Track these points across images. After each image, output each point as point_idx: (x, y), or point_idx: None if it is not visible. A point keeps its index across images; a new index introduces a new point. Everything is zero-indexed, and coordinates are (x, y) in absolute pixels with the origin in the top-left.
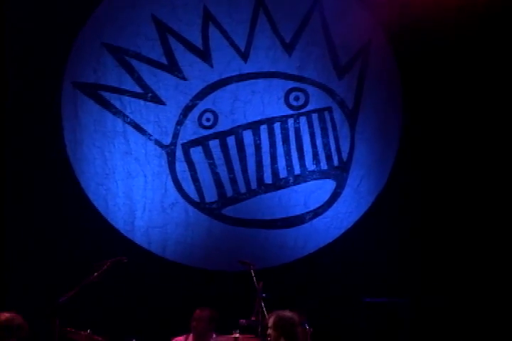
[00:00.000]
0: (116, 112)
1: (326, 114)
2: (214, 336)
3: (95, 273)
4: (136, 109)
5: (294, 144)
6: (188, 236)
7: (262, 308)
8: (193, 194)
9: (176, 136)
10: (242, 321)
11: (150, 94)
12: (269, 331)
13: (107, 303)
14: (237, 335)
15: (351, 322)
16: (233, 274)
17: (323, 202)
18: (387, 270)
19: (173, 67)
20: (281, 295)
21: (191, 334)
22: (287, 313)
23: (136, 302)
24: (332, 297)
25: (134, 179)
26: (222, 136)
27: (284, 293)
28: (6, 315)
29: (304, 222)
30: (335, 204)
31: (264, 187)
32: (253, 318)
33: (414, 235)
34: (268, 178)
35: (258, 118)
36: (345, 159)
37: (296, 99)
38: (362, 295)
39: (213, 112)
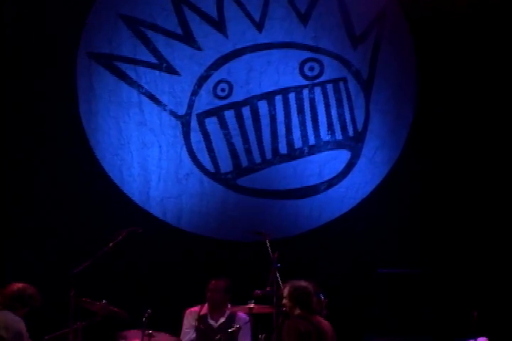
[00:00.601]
0: (132, 83)
1: (341, 84)
2: (229, 306)
3: (110, 244)
4: (151, 79)
5: (309, 115)
6: (203, 207)
7: (277, 278)
8: (208, 164)
9: (190, 106)
10: (257, 291)
11: (165, 65)
12: (285, 301)
13: (122, 273)
14: (252, 305)
15: (365, 292)
16: (248, 244)
17: (337, 173)
18: (401, 240)
19: (188, 38)
20: (296, 265)
21: (206, 305)
22: (302, 283)
23: (151, 272)
24: (346, 267)
25: (149, 149)
26: (237, 106)
27: (298, 263)
28: (18, 285)
29: (319, 192)
30: (350, 175)
31: (279, 158)
32: (268, 288)
33: (429, 205)
34: (283, 149)
35: (273, 88)
36: (360, 129)
37: (311, 69)
38: (376, 265)
39: (228, 83)
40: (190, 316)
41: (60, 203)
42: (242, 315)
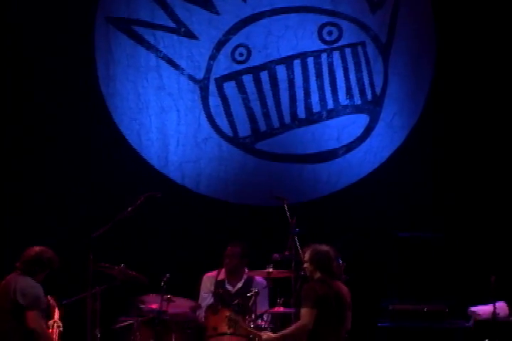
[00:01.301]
0: (150, 47)
1: (360, 48)
2: (246, 271)
3: (129, 208)
4: (170, 43)
5: (328, 79)
6: (222, 171)
7: (296, 243)
8: (226, 128)
9: (209, 70)
10: (276, 256)
11: (183, 29)
12: (306, 265)
13: (140, 238)
14: (271, 270)
15: (385, 256)
16: (266, 209)
17: (356, 137)
18: (420, 204)
19: (206, 2)
20: (315, 229)
21: (223, 270)
22: (324, 247)
23: (170, 237)
24: (366, 231)
25: (167, 114)
26: (255, 70)
27: (317, 227)
28: (36, 249)
29: (337, 157)
30: (368, 139)
31: (297, 122)
32: (286, 253)
33: (448, 169)
34: (301, 113)
35: (291, 53)
36: (378, 94)
37: (330, 33)
38: (395, 230)
39: (246, 47)
40: (208, 281)
41: (79, 168)
42: (259, 280)
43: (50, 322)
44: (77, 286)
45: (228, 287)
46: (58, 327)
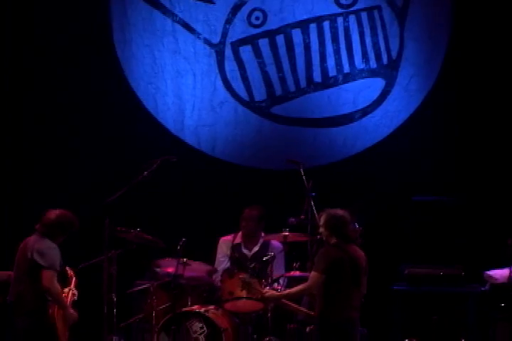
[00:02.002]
0: (166, 11)
1: (376, 12)
2: (263, 235)
3: (145, 172)
4: (185, 8)
5: (343, 43)
6: (238, 135)
7: (312, 207)
8: (242, 93)
9: (224, 35)
10: (292, 220)
11: None
12: (321, 230)
13: (156, 202)
14: (287, 234)
15: (400, 220)
16: (282, 173)
17: (372, 101)
18: (436, 168)
19: None
20: (330, 193)
21: (239, 233)
22: (339, 211)
23: (186, 201)
24: (381, 196)
25: (183, 78)
26: (271, 34)
27: (332, 191)
28: (56, 212)
29: (353, 121)
30: (384, 103)
31: (313, 86)
32: (302, 217)
33: (464, 133)
34: (317, 77)
35: (307, 17)
36: (394, 57)
37: None
38: (411, 193)
39: (262, 11)
40: (224, 245)
41: (95, 132)
42: (276, 244)
43: (66, 290)
44: (93, 251)
45: (244, 251)
46: (73, 294)
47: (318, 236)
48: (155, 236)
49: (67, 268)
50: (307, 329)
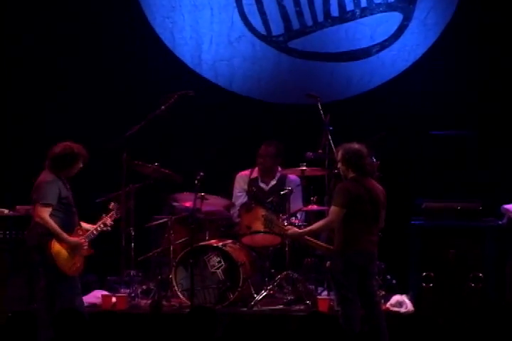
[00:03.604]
0: None
1: None
2: (280, 169)
3: (162, 107)
4: None
5: None
6: (255, 70)
7: (329, 141)
8: (259, 27)
9: None
10: (309, 154)
11: None
12: (339, 165)
13: (173, 137)
14: (304, 168)
15: (418, 154)
16: (300, 107)
17: (389, 35)
18: (453, 103)
19: None
20: (348, 128)
21: (256, 168)
22: (355, 145)
23: (203, 135)
24: (399, 130)
25: (201, 12)
26: None
27: (350, 126)
28: (61, 144)
29: (370, 55)
30: (402, 37)
31: (330, 20)
32: (320, 151)
33: (483, 67)
34: (334, 11)
35: None
36: None
37: None
38: (428, 128)
39: None
40: (241, 179)
41: (112, 66)
42: (293, 178)
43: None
44: (111, 185)
45: (262, 185)
46: (105, 225)
47: (336, 171)
48: (173, 170)
49: (112, 203)
50: (327, 263)
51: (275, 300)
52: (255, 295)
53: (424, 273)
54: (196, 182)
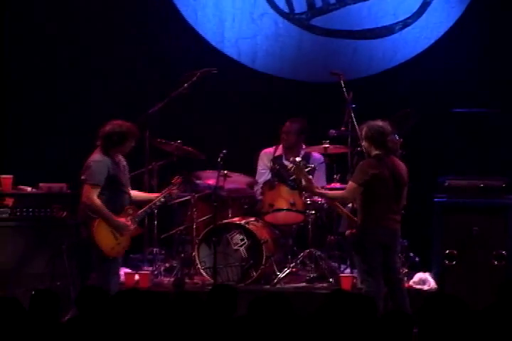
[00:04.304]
0: None
1: None
2: (303, 147)
3: (185, 85)
4: None
5: None
6: (278, 47)
7: (352, 119)
8: (282, 4)
9: None
10: (332, 131)
11: None
12: (363, 142)
13: (196, 114)
14: (327, 145)
15: (441, 132)
16: (323, 85)
17: (412, 12)
18: (477, 80)
19: None
20: (371, 105)
21: (280, 146)
22: (378, 122)
23: (226, 113)
24: (422, 107)
25: None
26: None
27: (373, 103)
28: (110, 122)
29: (393, 33)
30: (425, 14)
31: None
32: (343, 129)
33: (506, 44)
34: None
35: None
36: None
37: None
38: (451, 106)
39: None
40: (265, 157)
41: (135, 44)
42: (317, 156)
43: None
44: (134, 162)
45: (286, 162)
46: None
47: (358, 148)
48: (195, 148)
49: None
50: (346, 232)
51: (298, 278)
52: (278, 273)
53: (447, 251)
54: (219, 159)
